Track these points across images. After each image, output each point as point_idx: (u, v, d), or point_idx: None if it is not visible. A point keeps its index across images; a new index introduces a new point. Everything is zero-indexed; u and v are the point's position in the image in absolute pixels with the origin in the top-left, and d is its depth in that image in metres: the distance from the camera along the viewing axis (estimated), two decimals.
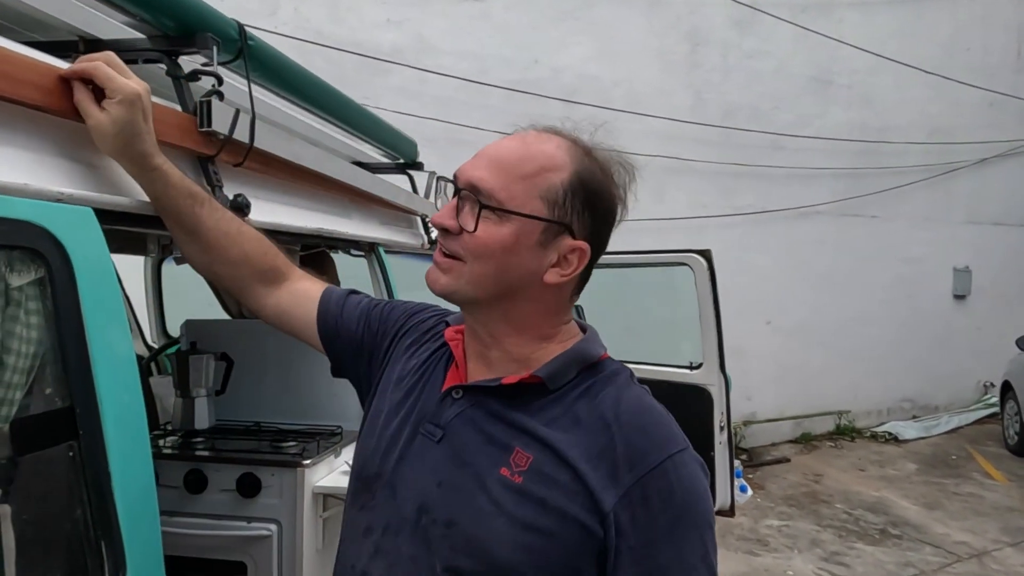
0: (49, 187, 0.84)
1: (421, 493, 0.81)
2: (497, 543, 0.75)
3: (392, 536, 0.82)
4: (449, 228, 0.82)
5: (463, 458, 0.81)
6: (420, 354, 0.95)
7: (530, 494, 0.76)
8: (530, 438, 0.79)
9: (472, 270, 0.81)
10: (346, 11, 4.98)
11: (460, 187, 0.82)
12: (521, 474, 0.77)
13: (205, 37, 1.23)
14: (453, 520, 0.78)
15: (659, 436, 0.79)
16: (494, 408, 0.82)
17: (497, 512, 0.76)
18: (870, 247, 7.33)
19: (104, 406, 0.79)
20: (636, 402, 0.82)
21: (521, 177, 0.80)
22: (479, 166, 0.82)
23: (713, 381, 2.69)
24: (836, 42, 6.83)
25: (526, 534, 0.75)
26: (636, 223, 4.28)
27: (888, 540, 4.58)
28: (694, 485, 0.78)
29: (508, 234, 0.80)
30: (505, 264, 0.81)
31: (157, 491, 1.69)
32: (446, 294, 0.84)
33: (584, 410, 0.80)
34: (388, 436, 0.88)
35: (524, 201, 0.80)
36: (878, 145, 7.21)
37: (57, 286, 0.77)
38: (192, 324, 2.11)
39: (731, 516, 2.78)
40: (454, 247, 0.82)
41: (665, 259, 2.89)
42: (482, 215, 0.79)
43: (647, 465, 0.76)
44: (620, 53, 6.11)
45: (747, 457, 6.36)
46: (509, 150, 0.82)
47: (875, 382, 7.45)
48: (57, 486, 0.78)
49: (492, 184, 0.80)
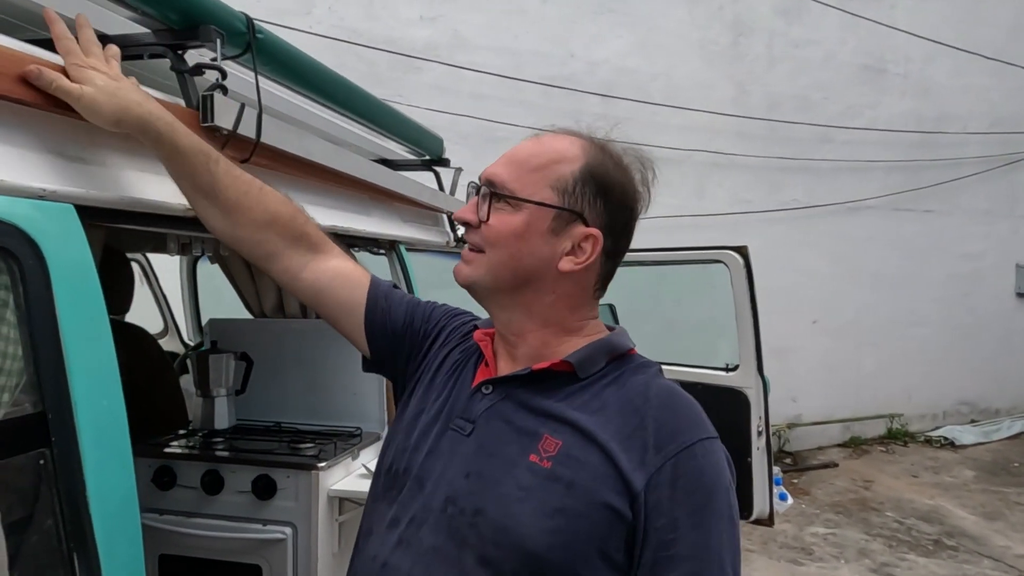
0: (30, 183, 0.81)
1: (449, 485, 0.82)
2: (525, 529, 0.76)
3: (416, 527, 0.82)
4: (469, 221, 0.88)
5: (491, 449, 0.83)
6: (453, 355, 0.97)
7: (559, 478, 0.77)
8: (558, 423, 0.81)
9: (489, 259, 0.86)
10: (380, 8, 4.98)
11: (480, 184, 0.88)
12: (550, 459, 0.79)
13: (208, 30, 1.20)
14: (480, 509, 0.79)
15: (689, 420, 0.81)
16: (523, 398, 0.85)
17: (525, 498, 0.77)
18: (924, 243, 7.01)
19: (80, 412, 0.76)
20: (666, 388, 0.84)
21: (532, 169, 0.86)
22: (497, 164, 0.89)
23: (750, 384, 2.57)
24: (888, 29, 6.53)
25: (554, 518, 0.75)
26: (675, 219, 4.20)
27: (943, 551, 4.35)
28: (721, 474, 0.79)
29: (520, 221, 0.84)
30: (518, 251, 0.85)
31: (175, 491, 1.69)
32: (467, 284, 0.88)
33: (613, 396, 0.83)
34: (418, 433, 0.90)
35: (535, 190, 0.85)
36: (934, 136, 6.88)
37: (29, 286, 0.74)
38: (215, 323, 2.11)
39: (770, 525, 2.66)
40: (474, 239, 0.87)
41: (700, 256, 2.78)
42: (496, 205, 0.85)
43: (677, 446, 0.77)
44: (659, 45, 5.96)
45: (791, 461, 6.16)
46: (524, 148, 0.88)
47: (930, 384, 7.12)
48: (27, 496, 0.74)
49: (505, 177, 0.86)
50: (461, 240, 2.48)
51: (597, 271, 0.88)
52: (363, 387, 1.95)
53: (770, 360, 2.77)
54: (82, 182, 0.89)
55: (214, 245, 1.90)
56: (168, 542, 1.65)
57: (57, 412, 0.74)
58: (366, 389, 1.95)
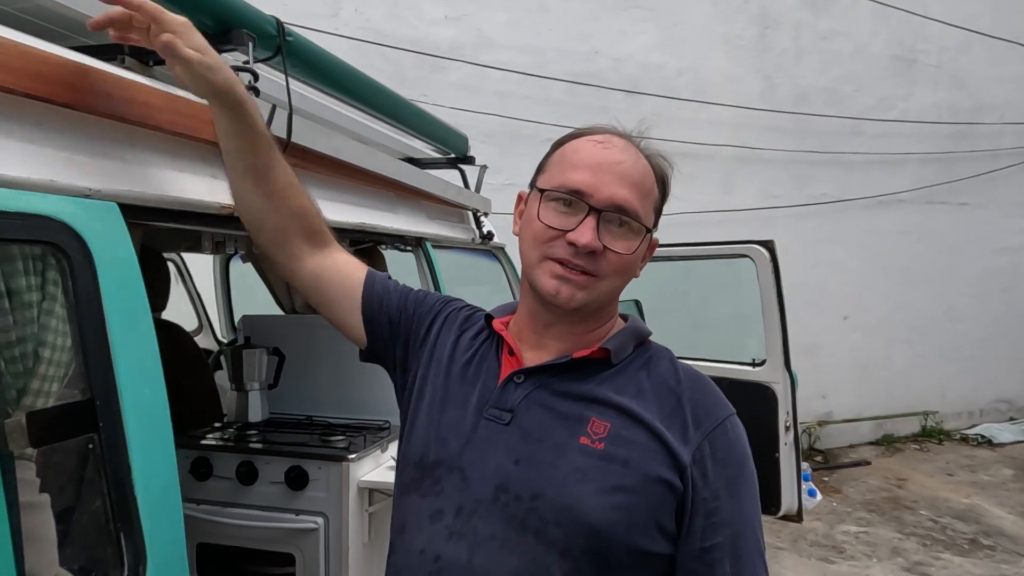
0: (77, 183, 0.85)
1: (497, 473, 0.84)
2: (588, 507, 0.79)
3: (466, 518, 0.83)
4: (596, 250, 0.84)
5: (538, 435, 0.84)
6: (463, 343, 0.97)
7: (613, 457, 0.81)
8: (604, 406, 0.84)
9: (609, 285, 0.87)
10: (405, 9, 5.02)
11: (600, 207, 0.84)
12: (601, 440, 0.82)
13: (241, 34, 1.24)
14: (538, 493, 0.81)
15: (716, 399, 0.88)
16: (558, 387, 0.87)
17: (583, 478, 0.80)
18: (959, 236, 6.84)
19: (125, 399, 0.80)
20: (691, 370, 0.90)
21: (646, 194, 0.88)
22: (619, 185, 0.85)
23: (777, 379, 2.55)
24: (921, 18, 6.40)
25: (615, 495, 0.79)
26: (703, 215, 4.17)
27: (979, 551, 4.25)
28: (746, 447, 0.87)
29: (640, 247, 0.88)
30: (631, 274, 0.89)
31: (212, 482, 1.74)
32: (578, 307, 0.87)
33: (646, 379, 0.87)
34: (447, 423, 0.90)
35: (647, 214, 0.88)
36: (970, 127, 6.71)
37: (78, 281, 0.78)
38: (248, 320, 2.17)
39: (799, 521, 2.63)
40: (595, 267, 0.85)
41: (726, 251, 2.76)
42: (619, 231, 0.85)
43: (712, 423, 0.84)
44: (684, 40, 5.91)
45: (822, 459, 6.07)
46: (631, 167, 0.87)
47: (965, 381, 6.95)
48: (77, 478, 0.79)
49: (637, 205, 0.86)
50: (485, 237, 2.50)
51: None
52: (390, 381, 1.98)
53: (800, 357, 2.74)
54: (125, 181, 0.94)
55: (247, 243, 1.95)
56: (205, 531, 1.70)
57: (104, 399, 0.78)
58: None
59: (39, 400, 0.79)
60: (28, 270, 0.80)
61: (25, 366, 0.81)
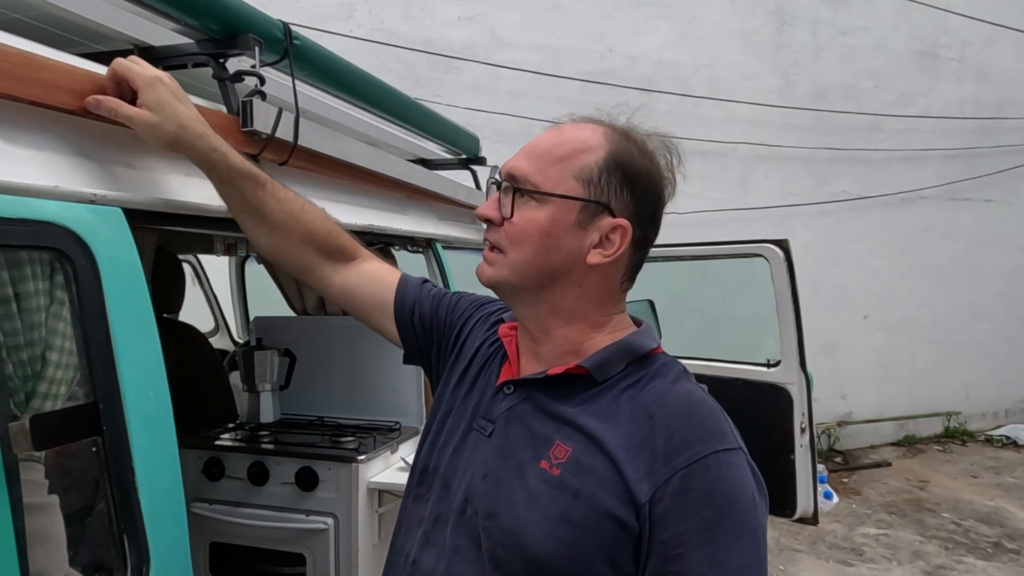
0: (82, 189, 0.87)
1: (468, 486, 0.83)
2: (531, 535, 0.76)
3: (441, 527, 0.84)
4: (492, 218, 0.84)
5: (507, 451, 0.82)
6: (483, 349, 0.96)
7: (566, 486, 0.76)
8: (571, 429, 0.79)
9: (512, 258, 0.83)
10: (418, 10, 5.04)
11: (501, 180, 0.85)
12: (559, 466, 0.77)
13: (248, 38, 1.25)
14: (492, 512, 0.79)
15: (707, 430, 0.76)
16: (542, 402, 0.83)
17: (532, 505, 0.77)
18: (984, 234, 6.71)
19: (128, 402, 0.81)
20: (686, 396, 0.79)
21: (555, 160, 0.82)
22: (517, 157, 0.85)
23: (792, 379, 2.52)
24: (943, 12, 6.28)
25: (559, 527, 0.75)
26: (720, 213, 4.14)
27: (1003, 555, 4.17)
28: (742, 487, 0.73)
29: (545, 217, 0.81)
30: (544, 247, 0.82)
31: (224, 482, 1.76)
32: (492, 285, 0.86)
33: (629, 401, 0.79)
34: (447, 432, 0.91)
35: (558, 182, 0.82)
36: (994, 122, 6.58)
37: (82, 286, 0.79)
38: (260, 321, 2.19)
39: (814, 524, 2.60)
40: (496, 237, 0.84)
41: (740, 250, 2.73)
42: (519, 201, 0.82)
43: (689, 458, 0.73)
44: (700, 37, 5.87)
45: (842, 460, 5.99)
46: (544, 139, 0.85)
47: (991, 382, 6.82)
48: (82, 480, 0.80)
49: (527, 170, 0.82)
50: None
51: (625, 263, 0.85)
52: (401, 382, 2.00)
53: (820, 357, 2.71)
54: (129, 187, 0.95)
55: None
56: (218, 530, 1.72)
57: (108, 402, 0.79)
58: (404, 384, 2.00)
59: (45, 403, 0.81)
60: (34, 275, 0.81)
61: (32, 370, 0.82)
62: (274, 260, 1.08)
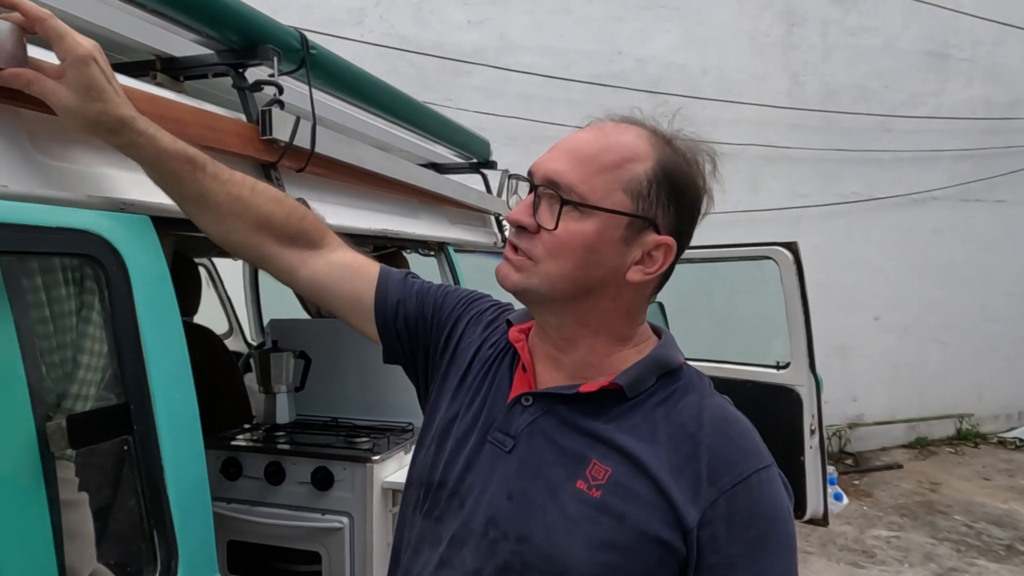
0: (111, 196, 0.90)
1: (490, 506, 0.78)
2: (573, 561, 0.72)
3: (457, 548, 0.79)
4: (527, 226, 0.78)
5: (535, 470, 0.77)
6: (484, 350, 0.89)
7: (608, 509, 0.73)
8: (608, 448, 0.75)
9: (547, 269, 0.77)
10: (429, 14, 5.08)
11: (536, 183, 0.78)
12: (599, 488, 0.74)
13: (266, 49, 1.28)
14: (525, 536, 0.74)
15: (745, 449, 0.75)
16: (567, 416, 0.78)
17: (573, 529, 0.73)
18: (996, 235, 6.68)
19: (157, 403, 0.84)
20: (720, 412, 0.78)
21: (602, 169, 0.76)
22: (557, 159, 0.77)
23: (802, 381, 2.53)
24: (953, 12, 6.26)
25: (604, 552, 0.71)
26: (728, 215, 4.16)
27: (1016, 557, 4.15)
28: (779, 505, 0.74)
29: (591, 231, 0.75)
30: (586, 262, 0.76)
31: (241, 481, 1.79)
32: (518, 291, 0.80)
33: (664, 419, 0.76)
34: (453, 443, 0.84)
35: (606, 194, 0.75)
36: (1006, 122, 6.55)
37: (113, 291, 0.82)
38: (275, 324, 2.22)
39: (824, 525, 2.61)
40: (529, 246, 0.78)
41: (748, 253, 2.74)
42: (563, 211, 0.75)
43: (733, 479, 0.72)
44: (709, 39, 5.88)
45: (853, 462, 5.97)
46: (587, 141, 0.78)
47: (1003, 383, 6.78)
48: (113, 478, 0.83)
49: (572, 178, 0.75)
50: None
51: (659, 277, 0.81)
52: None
53: (830, 358, 2.71)
54: (157, 195, 0.98)
55: None
56: (235, 529, 1.76)
57: (138, 403, 0.82)
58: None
59: (78, 404, 0.84)
60: (67, 280, 0.85)
61: (65, 371, 0.86)
62: (231, 251, 0.96)
